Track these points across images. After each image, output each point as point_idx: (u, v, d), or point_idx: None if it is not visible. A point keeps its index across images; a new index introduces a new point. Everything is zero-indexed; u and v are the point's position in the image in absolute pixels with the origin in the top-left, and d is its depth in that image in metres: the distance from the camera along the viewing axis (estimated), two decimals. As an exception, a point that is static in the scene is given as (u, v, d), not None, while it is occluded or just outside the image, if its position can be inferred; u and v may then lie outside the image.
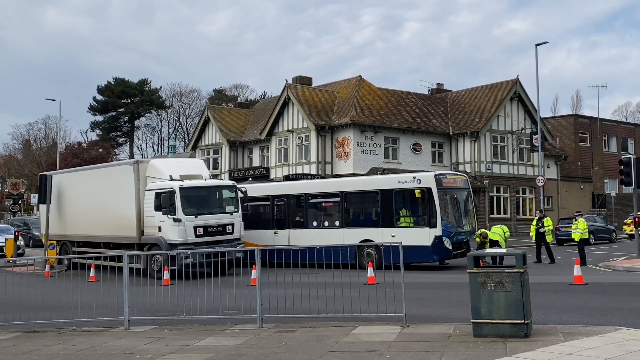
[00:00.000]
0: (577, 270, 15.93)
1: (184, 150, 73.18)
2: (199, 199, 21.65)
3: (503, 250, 9.48)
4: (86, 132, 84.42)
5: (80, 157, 54.93)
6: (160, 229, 21.26)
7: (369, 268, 16.66)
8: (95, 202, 24.13)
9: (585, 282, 15.61)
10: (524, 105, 43.57)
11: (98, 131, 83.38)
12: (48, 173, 28.46)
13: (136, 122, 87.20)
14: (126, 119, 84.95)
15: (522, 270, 8.92)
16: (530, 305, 9.11)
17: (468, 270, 9.16)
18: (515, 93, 42.98)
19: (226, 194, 22.79)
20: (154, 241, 21.46)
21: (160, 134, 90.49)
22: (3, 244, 29.41)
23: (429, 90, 49.48)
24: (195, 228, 20.96)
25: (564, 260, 23.11)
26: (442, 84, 50.54)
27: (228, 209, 22.29)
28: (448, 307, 12.82)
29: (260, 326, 10.83)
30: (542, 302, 12.21)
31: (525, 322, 8.81)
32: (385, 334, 9.67)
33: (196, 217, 21.05)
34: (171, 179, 21.55)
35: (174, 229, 20.81)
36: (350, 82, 43.30)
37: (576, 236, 22.04)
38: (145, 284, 13.94)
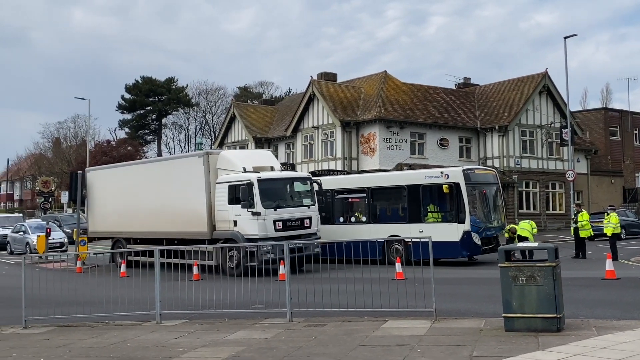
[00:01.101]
0: (609, 264, 15.73)
1: (210, 148, 73.66)
2: (276, 192, 20.78)
3: (535, 244, 9.40)
4: (115, 130, 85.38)
5: (109, 155, 55.63)
6: (235, 223, 20.34)
7: (397, 263, 16.63)
8: (158, 196, 23.21)
9: (618, 276, 15.41)
10: (553, 99, 43.02)
11: (126, 129, 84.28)
12: (88, 168, 28.31)
13: (164, 120, 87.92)
14: (154, 117, 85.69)
15: (554, 264, 8.85)
16: (563, 299, 9.03)
17: (499, 265, 9.11)
18: (544, 87, 42.46)
19: (300, 186, 21.82)
20: (229, 236, 20.42)
21: (187, 132, 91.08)
22: (53, 241, 30.19)
23: (455, 84, 49.07)
24: (274, 222, 20.06)
25: (595, 255, 22.83)
26: (469, 78, 50.04)
27: (305, 201, 21.31)
28: (478, 302, 12.75)
29: (290, 320, 10.89)
30: (574, 297, 12.08)
31: (558, 316, 8.74)
32: (416, 328, 9.66)
33: (275, 210, 20.16)
34: (244, 170, 20.66)
35: (253, 223, 19.90)
36: (375, 78, 43.16)
37: (608, 231, 21.75)
38: (175, 279, 14.09)
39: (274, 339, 9.59)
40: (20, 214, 44.52)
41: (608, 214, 22.47)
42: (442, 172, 21.70)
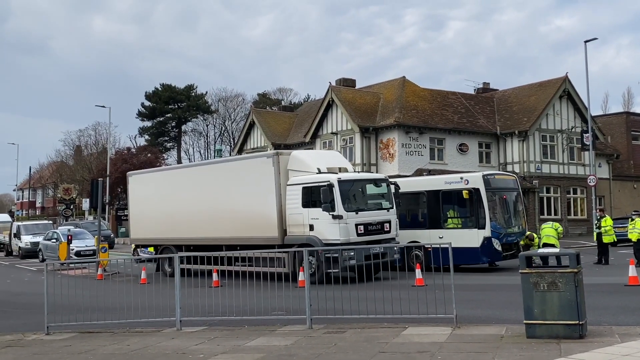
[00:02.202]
0: (632, 270, 15.53)
1: (230, 154, 74.07)
2: (356, 194, 19.80)
3: (556, 250, 9.33)
4: (135, 137, 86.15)
5: (129, 162, 56.08)
6: (312, 227, 19.28)
7: (417, 270, 16.57)
8: (220, 200, 22.05)
9: (641, 283, 15.19)
10: (574, 103, 42.65)
11: (146, 136, 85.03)
12: (130, 172, 27.77)
13: (183, 127, 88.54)
14: (173, 124, 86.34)
15: (575, 270, 8.76)
16: (585, 305, 8.94)
17: (520, 271, 9.04)
18: (564, 91, 42.12)
19: (378, 188, 20.65)
20: (305, 241, 19.09)
21: (207, 138, 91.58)
22: (86, 248, 30.39)
23: (474, 89, 48.86)
24: (356, 226, 19.05)
25: (617, 261, 22.54)
26: (488, 83, 49.81)
27: (384, 204, 20.29)
28: (499, 309, 12.65)
29: (310, 327, 10.89)
30: (596, 303, 11.94)
31: (580, 322, 8.65)
32: (436, 335, 9.61)
33: (357, 213, 19.15)
34: (319, 171, 19.77)
35: (334, 227, 18.84)
36: (394, 83, 43.11)
37: (633, 236, 21.46)
38: (195, 286, 14.16)
39: (293, 345, 9.59)
40: (51, 222, 44.61)
41: (633, 219, 22.17)
42: (461, 178, 21.58)
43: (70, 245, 30.76)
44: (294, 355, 8.90)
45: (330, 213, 18.84)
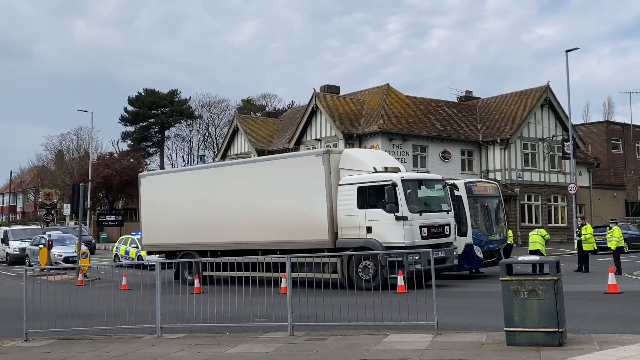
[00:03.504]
0: (611, 278, 15.68)
1: (213, 160, 73.81)
2: (418, 195, 18.89)
3: (536, 257, 9.39)
4: (117, 142, 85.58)
5: (111, 167, 55.70)
6: (369, 229, 18.19)
7: (399, 277, 16.58)
8: (259, 201, 20.58)
9: (620, 290, 15.35)
10: (555, 112, 43.09)
11: (129, 141, 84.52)
12: (143, 174, 26.35)
13: (166, 132, 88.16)
14: (156, 129, 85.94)
15: (555, 277, 8.82)
16: (564, 313, 9.00)
17: (501, 278, 9.09)
18: (545, 100, 42.55)
19: (436, 190, 19.81)
20: (362, 244, 18.17)
21: (190, 144, 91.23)
22: (74, 254, 28.15)
23: (457, 97, 49.23)
24: (420, 228, 18.12)
25: (597, 269, 22.75)
26: (471, 92, 50.24)
27: (443, 206, 19.45)
28: (480, 316, 12.71)
29: (291, 334, 10.86)
30: (576, 311, 12.03)
31: (560, 330, 8.70)
32: (417, 342, 9.62)
33: (420, 215, 18.21)
34: (375, 170, 18.86)
35: (397, 229, 17.81)
36: (377, 91, 43.30)
37: (612, 244, 21.69)
38: (177, 292, 14.08)
39: (275, 352, 9.56)
40: (39, 227, 43.54)
41: (611, 228, 22.41)
42: None
43: (58, 251, 30.38)
44: (275, 362, 8.86)
45: (395, 214, 17.76)
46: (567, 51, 35.85)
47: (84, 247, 27.71)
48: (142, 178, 25.49)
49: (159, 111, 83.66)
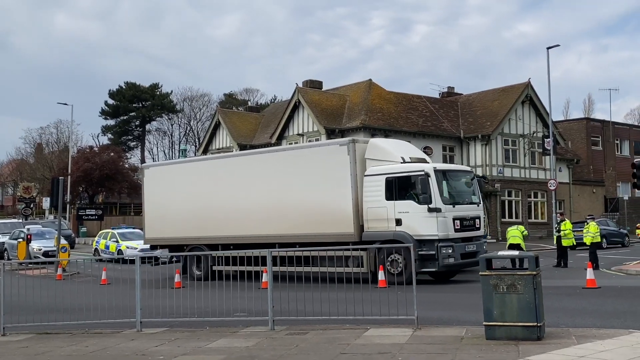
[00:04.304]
0: (589, 273, 15.86)
1: (195, 154, 73.46)
2: (451, 186, 18.47)
3: (515, 252, 9.45)
4: (98, 136, 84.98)
5: (91, 161, 55.25)
6: (399, 222, 17.72)
7: (379, 271, 16.62)
8: (277, 193, 19.97)
9: (598, 285, 15.53)
10: (536, 108, 43.42)
11: (109, 135, 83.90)
12: (146, 165, 25.17)
13: (147, 126, 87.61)
14: (137, 123, 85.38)
15: (534, 272, 8.89)
16: (543, 308, 9.08)
17: (480, 273, 9.14)
18: (526, 96, 42.84)
19: (466, 181, 19.41)
20: (391, 237, 17.68)
21: (171, 138, 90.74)
22: (54, 248, 27.49)
23: (439, 93, 49.41)
24: (453, 220, 17.73)
25: (576, 264, 22.99)
26: (453, 88, 50.45)
27: (473, 199, 19.08)
28: (460, 310, 12.79)
29: (272, 328, 10.85)
30: (554, 305, 12.16)
31: (538, 324, 8.78)
32: (397, 336, 9.66)
33: (454, 207, 17.83)
34: (404, 161, 18.44)
35: (430, 221, 17.36)
36: (360, 86, 43.33)
37: (587, 240, 21.94)
38: (157, 287, 13.98)
39: (255, 347, 9.55)
40: (20, 220, 42.81)
41: (587, 223, 22.67)
42: None
43: (37, 245, 30.10)
44: (255, 356, 8.85)
45: (428, 206, 17.30)
46: (548, 48, 36.15)
47: (63, 242, 27.48)
48: (146, 169, 24.72)
49: (140, 105, 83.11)
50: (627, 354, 7.80)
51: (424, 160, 19.29)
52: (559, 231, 23.46)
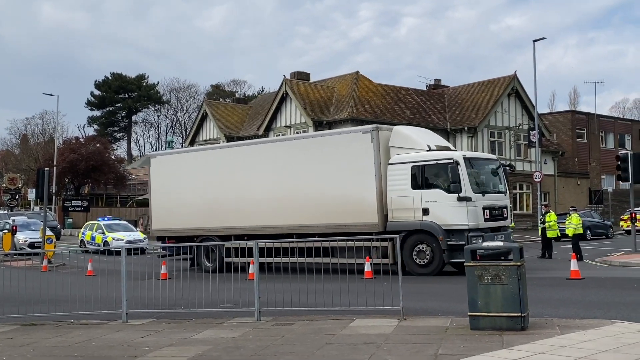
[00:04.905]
0: (573, 264, 15.98)
1: (182, 146, 73.15)
2: (479, 175, 18.19)
3: (500, 243, 9.51)
4: (84, 127, 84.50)
5: (77, 152, 54.88)
6: (426, 211, 17.44)
7: (366, 262, 16.67)
8: (296, 182, 19.55)
9: (582, 276, 15.65)
10: (522, 101, 43.60)
11: (95, 126, 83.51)
12: (154, 153, 24.56)
13: (134, 118, 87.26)
14: (124, 114, 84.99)
15: (519, 263, 8.95)
16: (527, 298, 9.14)
17: (465, 264, 9.20)
18: (512, 89, 43.00)
19: (493, 170, 19.11)
20: (418, 227, 17.49)
21: (158, 129, 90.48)
22: (39, 239, 27.02)
23: (426, 86, 49.50)
24: (483, 209, 17.43)
25: (560, 256, 23.17)
26: (440, 80, 50.55)
27: (500, 188, 18.85)
28: (445, 301, 12.86)
29: (258, 319, 10.86)
30: (538, 296, 12.25)
31: (522, 315, 8.85)
32: (383, 326, 9.70)
33: (483, 195, 17.54)
34: (430, 149, 18.18)
35: (459, 211, 17.08)
36: (348, 78, 43.30)
37: (570, 231, 22.11)
38: (143, 278, 13.94)
39: (241, 337, 9.55)
40: (5, 211, 42.30)
41: (570, 215, 22.85)
42: None
43: (22, 236, 29.91)
44: (241, 347, 8.86)
45: (458, 194, 16.97)
46: (535, 41, 36.28)
47: (49, 233, 27.31)
48: (153, 158, 24.18)
49: (126, 96, 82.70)
50: (610, 344, 7.88)
51: (448, 148, 19.11)
52: (543, 223, 23.62)
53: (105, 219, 36.51)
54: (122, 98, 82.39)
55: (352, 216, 18.25)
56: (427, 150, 18.11)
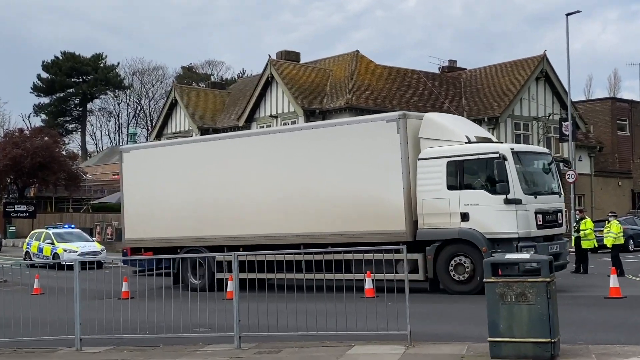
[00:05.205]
0: (613, 281, 16.04)
1: (147, 140, 73.17)
2: (531, 172, 17.85)
3: (526, 255, 9.55)
4: (29, 117, 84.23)
5: (21, 146, 54.68)
6: (465, 216, 17.14)
7: (367, 279, 16.71)
8: (304, 181, 19.32)
9: (623, 294, 15.73)
10: (552, 86, 43.77)
11: (43, 116, 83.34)
12: (127, 147, 24.11)
13: (89, 105, 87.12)
14: (77, 101, 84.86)
15: (548, 279, 8.99)
16: (558, 321, 9.19)
17: (485, 280, 9.23)
18: (541, 72, 43.15)
19: (544, 167, 18.76)
20: (456, 236, 17.23)
21: (118, 120, 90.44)
22: None
23: (439, 68, 49.69)
24: (535, 214, 17.10)
25: (597, 270, 23.27)
26: (455, 61, 50.79)
27: (554, 188, 18.55)
28: (461, 324, 12.90)
29: (238, 346, 10.88)
30: (572, 318, 12.30)
31: (552, 340, 8.88)
32: (386, 354, 9.74)
33: (535, 197, 17.21)
34: (469, 141, 17.83)
35: (507, 215, 16.72)
36: (345, 58, 43.37)
37: (608, 242, 22.17)
38: (100, 297, 13.94)
39: (218, 368, 9.57)
40: None
41: (609, 222, 22.91)
42: None
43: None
44: (218, 379, 8.88)
45: (506, 196, 16.60)
46: (568, 15, 36.48)
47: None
48: (125, 153, 23.56)
49: (80, 79, 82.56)
50: (655, 374, 7.93)
51: (490, 140, 18.95)
52: (577, 231, 23.71)
53: (55, 226, 36.43)
54: (75, 82, 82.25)
55: (373, 222, 17.94)
56: (466, 143, 17.82)
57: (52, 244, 32.25)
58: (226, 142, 22.09)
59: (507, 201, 16.68)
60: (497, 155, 16.85)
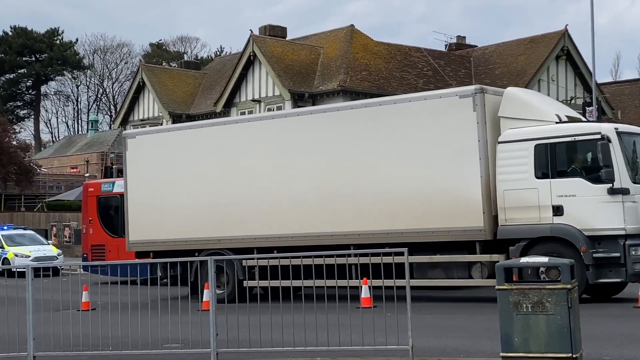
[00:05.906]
0: (643, 288, 16.13)
1: (110, 128, 72.99)
2: (637, 158, 17.21)
3: (544, 259, 9.57)
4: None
5: (-35, 136, 54.55)
6: (559, 209, 16.55)
7: (363, 286, 16.74)
8: (355, 170, 18.83)
9: (655, 303, 15.81)
10: (575, 66, 43.90)
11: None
12: (131, 132, 23.75)
13: (43, 88, 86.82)
14: (29, 83, 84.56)
15: (569, 286, 9.02)
16: (580, 333, 9.24)
17: (497, 287, 9.26)
18: (562, 50, 43.26)
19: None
20: (547, 233, 16.68)
21: (77, 105, 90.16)
22: None
23: (446, 45, 49.77)
24: None
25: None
26: (464, 38, 50.93)
27: None
28: (469, 337, 12.95)
29: (215, 364, 10.90)
30: (596, 330, 12.37)
31: (574, 356, 8.92)
32: (385, 373, 9.76)
33: None
34: (560, 121, 17.26)
35: (611, 208, 16.16)
36: (338, 34, 43.37)
37: None
38: (57, 309, 13.92)
39: (192, 389, 9.59)
40: None
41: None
42: None
43: None
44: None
45: (611, 185, 15.97)
46: (592, -16, 36.47)
47: None
48: (130, 139, 22.76)
49: (33, 58, 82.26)
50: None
51: (580, 121, 18.66)
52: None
53: (5, 227, 36.34)
54: (27, 61, 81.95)
55: (442, 218, 17.47)
56: (557, 123, 17.28)
57: (2, 247, 32.16)
58: (259, 125, 21.47)
59: (612, 191, 16.09)
60: (599, 136, 16.26)
